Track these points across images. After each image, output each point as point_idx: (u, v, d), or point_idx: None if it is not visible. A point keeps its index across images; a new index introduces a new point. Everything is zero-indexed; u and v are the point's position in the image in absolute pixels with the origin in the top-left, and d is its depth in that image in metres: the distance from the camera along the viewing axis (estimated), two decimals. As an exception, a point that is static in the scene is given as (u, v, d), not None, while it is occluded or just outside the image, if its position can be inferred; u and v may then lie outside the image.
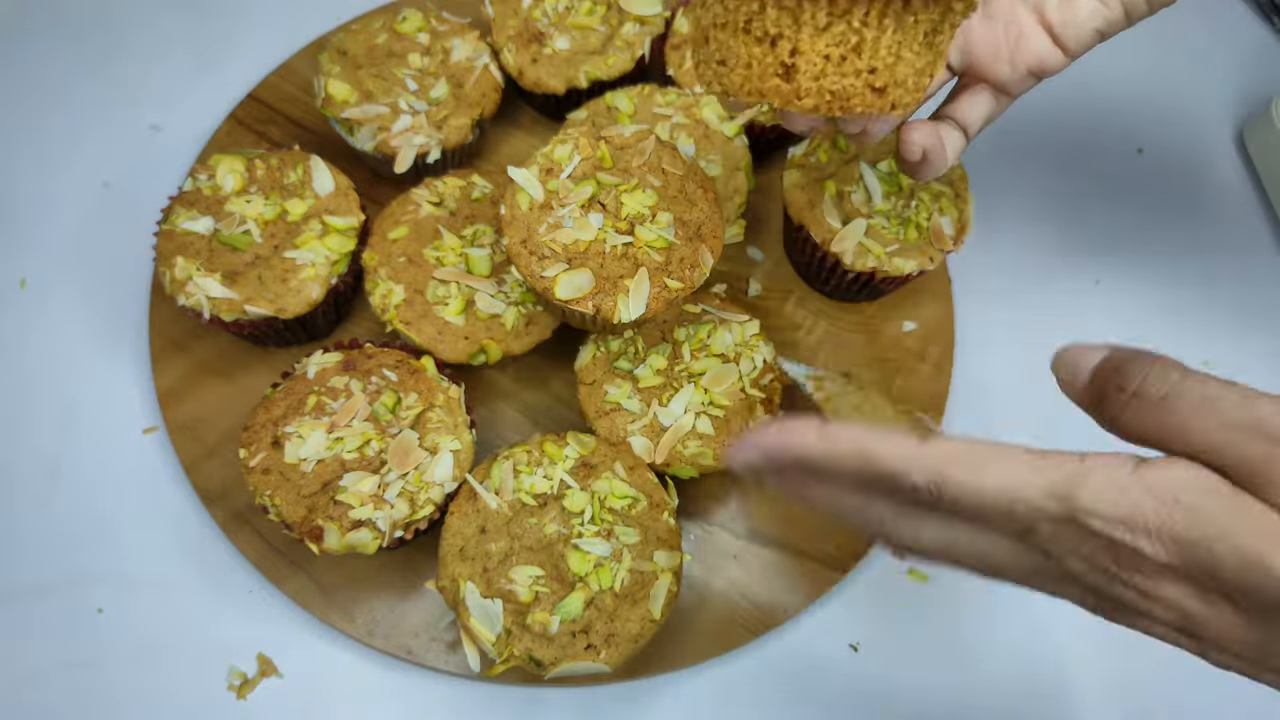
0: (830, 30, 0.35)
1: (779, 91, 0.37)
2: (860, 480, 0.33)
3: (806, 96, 0.37)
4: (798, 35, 0.36)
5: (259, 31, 0.86)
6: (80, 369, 0.71)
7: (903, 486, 0.32)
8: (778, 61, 0.37)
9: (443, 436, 0.60)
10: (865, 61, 0.36)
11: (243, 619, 0.64)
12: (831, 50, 0.36)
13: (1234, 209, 0.82)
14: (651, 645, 0.60)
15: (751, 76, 0.37)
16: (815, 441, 0.33)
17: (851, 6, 0.35)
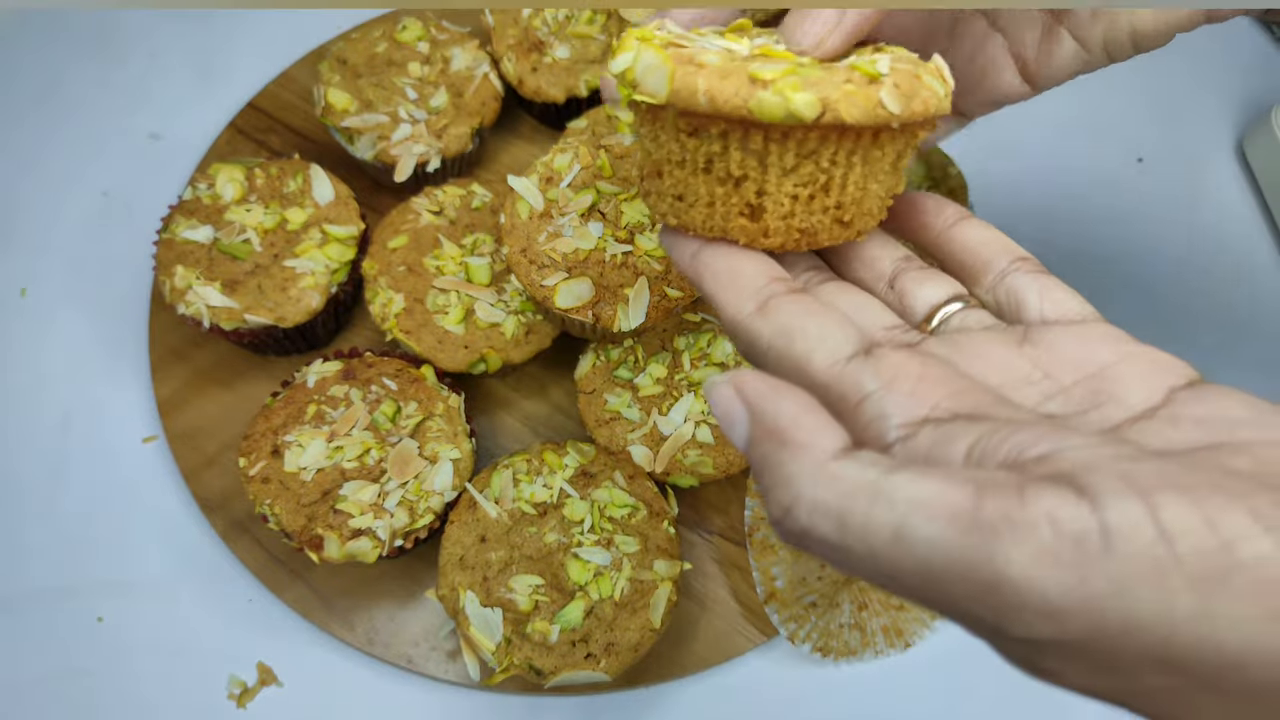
0: (798, 171, 0.34)
1: (745, 230, 0.35)
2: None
3: (774, 235, 0.35)
4: (764, 177, 0.34)
5: (259, 40, 0.86)
6: (80, 378, 0.71)
7: None
8: (743, 202, 0.35)
9: (442, 445, 0.60)
10: (833, 199, 0.35)
11: (243, 628, 0.63)
12: (799, 190, 0.34)
13: (1234, 217, 0.82)
14: (651, 654, 0.60)
15: (714, 215, 0.35)
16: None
17: (820, 147, 0.33)
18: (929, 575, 0.24)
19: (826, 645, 0.61)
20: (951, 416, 0.28)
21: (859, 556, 0.25)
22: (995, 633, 0.24)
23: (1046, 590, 0.22)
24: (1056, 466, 0.24)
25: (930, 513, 0.24)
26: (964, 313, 0.35)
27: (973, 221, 0.38)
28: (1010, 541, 0.22)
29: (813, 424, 0.27)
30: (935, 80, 0.34)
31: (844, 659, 0.62)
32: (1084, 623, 0.22)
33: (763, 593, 0.61)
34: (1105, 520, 0.22)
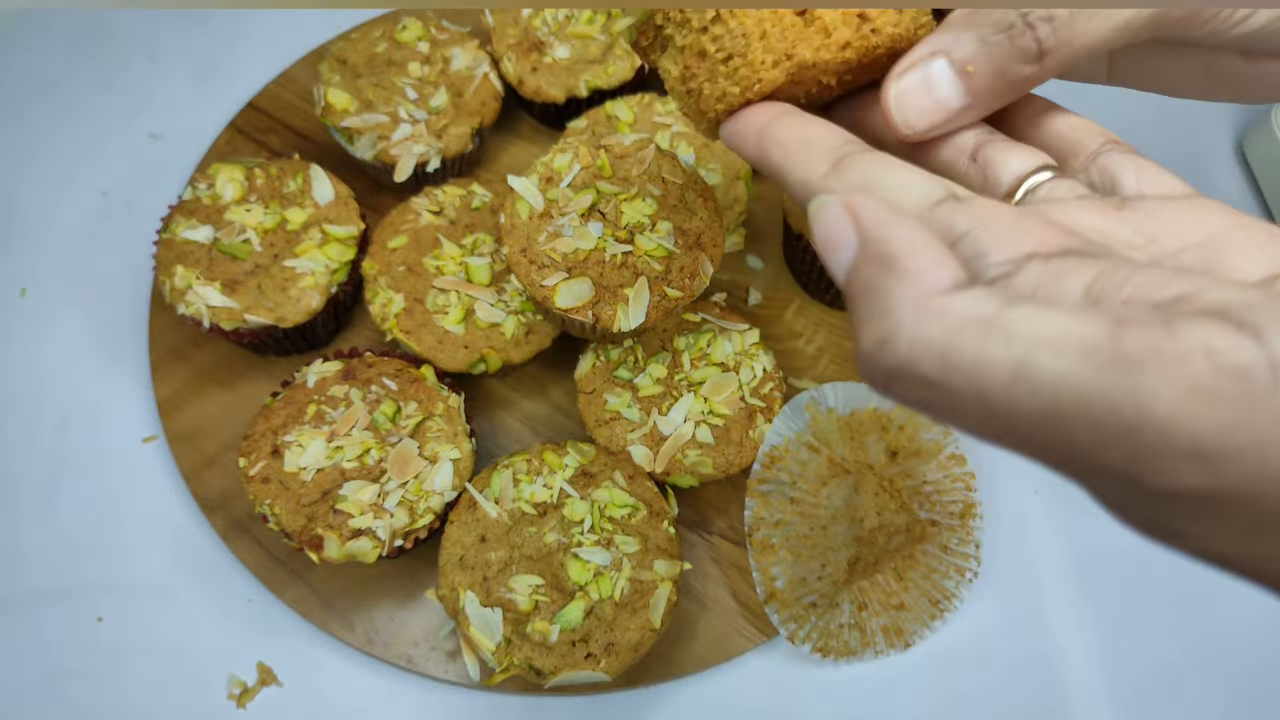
0: None
1: (807, 39, 0.34)
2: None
3: (835, 31, 0.34)
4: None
5: (259, 40, 0.86)
6: (80, 378, 0.71)
7: None
8: (793, 13, 0.33)
9: (442, 445, 0.60)
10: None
11: (243, 628, 0.63)
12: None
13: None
14: (651, 654, 0.60)
15: (771, 43, 0.34)
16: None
17: None
18: (1053, 418, 0.21)
19: (826, 645, 0.61)
20: (1063, 251, 0.25)
21: (963, 398, 0.23)
22: (1126, 485, 0.21)
23: (1201, 430, 0.19)
24: (1204, 304, 0.21)
25: (1059, 346, 0.21)
26: (1053, 182, 0.32)
27: (1062, 111, 0.36)
28: (1159, 376, 0.20)
29: (928, 254, 0.25)
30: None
31: (844, 659, 0.62)
32: (1243, 469, 0.19)
33: (763, 593, 0.61)
34: (1275, 353, 0.19)
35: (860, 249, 0.26)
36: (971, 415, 0.23)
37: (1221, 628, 0.65)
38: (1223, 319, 0.20)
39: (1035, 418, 0.21)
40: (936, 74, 0.33)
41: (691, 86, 0.37)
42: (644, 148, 0.61)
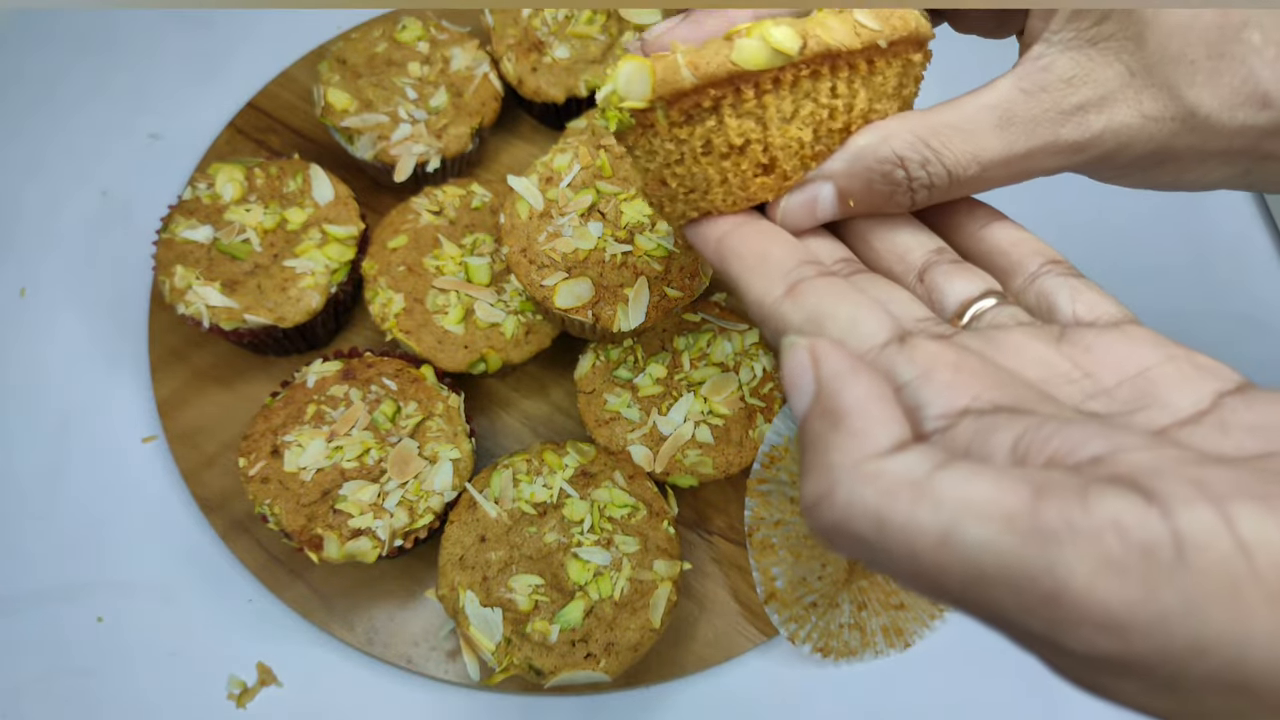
0: (799, 115, 0.34)
1: (765, 187, 0.36)
2: None
3: (794, 175, 0.36)
4: (766, 134, 0.34)
5: (258, 40, 0.86)
6: (79, 378, 0.71)
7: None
8: (754, 164, 0.35)
9: (442, 445, 0.60)
10: (840, 123, 0.35)
11: (242, 628, 0.63)
12: (803, 131, 0.34)
13: (1234, 217, 0.82)
14: (651, 654, 0.60)
15: (731, 189, 0.35)
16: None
17: (814, 85, 0.33)
18: (978, 582, 0.22)
19: (826, 645, 0.61)
20: (993, 408, 0.26)
21: (896, 558, 0.24)
22: (1048, 646, 0.23)
23: (1110, 604, 0.21)
24: (1116, 469, 0.22)
25: (983, 515, 0.22)
26: (997, 309, 0.34)
27: (1004, 222, 0.38)
28: (1073, 550, 0.21)
29: (875, 414, 0.26)
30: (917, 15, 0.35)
31: (844, 659, 0.62)
32: (1149, 640, 0.21)
33: (763, 593, 0.61)
34: (1178, 529, 0.20)
35: (814, 399, 0.27)
36: (905, 573, 0.24)
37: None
38: (1133, 489, 0.21)
39: (963, 581, 0.23)
40: (822, 197, 0.36)
41: (653, 201, 0.38)
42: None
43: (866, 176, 0.36)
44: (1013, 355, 0.30)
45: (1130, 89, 0.35)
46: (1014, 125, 0.35)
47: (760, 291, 0.32)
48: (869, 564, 0.25)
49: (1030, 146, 0.35)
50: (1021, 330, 0.31)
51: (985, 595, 0.22)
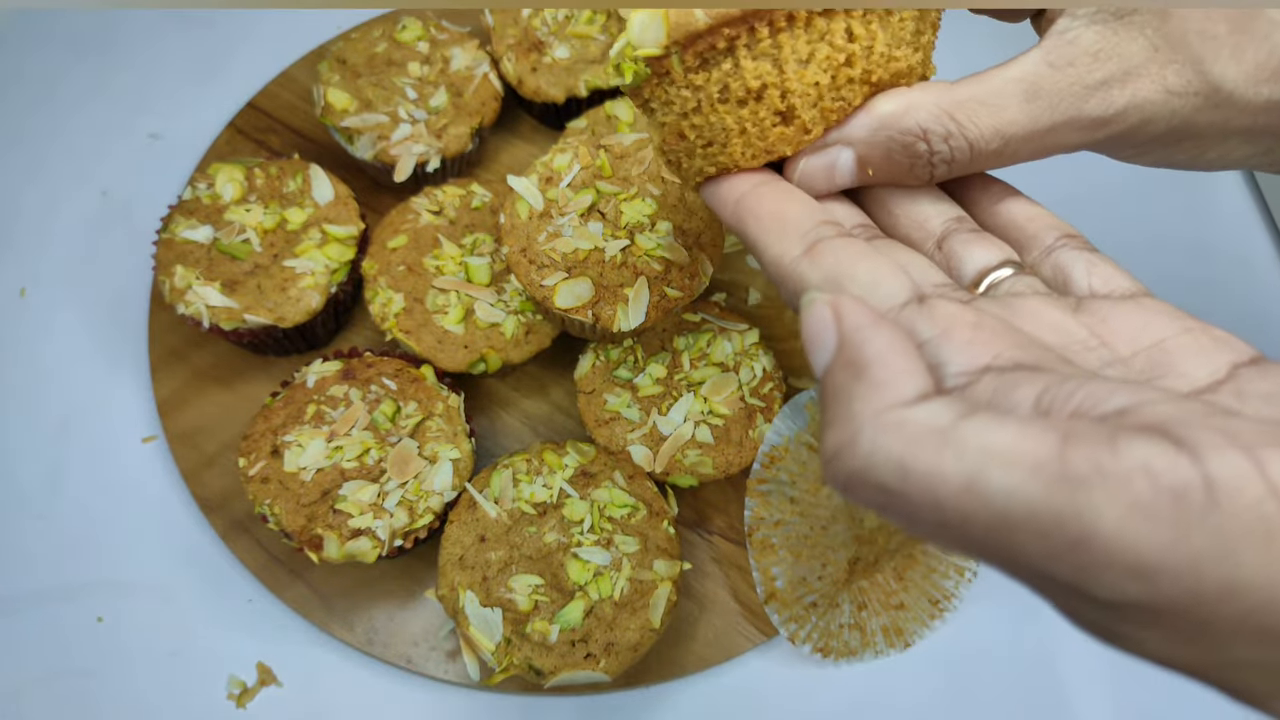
0: (815, 59, 0.34)
1: (785, 138, 0.35)
2: None
3: (814, 126, 0.35)
4: (783, 77, 0.34)
5: (258, 40, 0.86)
6: (79, 378, 0.71)
7: None
8: (772, 112, 0.35)
9: (442, 445, 0.60)
10: (858, 69, 0.34)
11: (242, 628, 0.63)
12: (821, 76, 0.34)
13: (1234, 218, 0.82)
14: (651, 654, 0.60)
15: (750, 140, 0.35)
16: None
17: (830, 25, 0.33)
18: (1003, 529, 0.22)
19: (826, 645, 0.61)
20: (1014, 365, 0.26)
21: (919, 506, 0.24)
22: (1073, 593, 0.23)
23: (1140, 547, 0.20)
24: (1145, 418, 0.22)
25: (1009, 461, 0.22)
26: (1015, 278, 0.34)
27: (1020, 197, 0.39)
28: (1103, 494, 0.21)
29: (898, 365, 0.26)
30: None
31: (844, 659, 0.62)
32: (1179, 584, 0.20)
33: (763, 593, 0.61)
34: (1209, 473, 0.20)
35: (836, 353, 0.27)
36: (927, 522, 0.24)
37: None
38: (1162, 436, 0.21)
39: (987, 528, 0.22)
40: (841, 163, 0.36)
41: (671, 159, 0.38)
42: (644, 148, 0.62)
43: (887, 146, 0.35)
44: (1030, 321, 0.30)
45: (1154, 64, 0.35)
46: (1039, 99, 0.35)
47: (779, 251, 0.32)
48: (888, 513, 0.25)
49: (1054, 121, 0.35)
50: (1039, 299, 0.32)
51: (1009, 541, 0.22)
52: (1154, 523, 0.20)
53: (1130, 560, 0.21)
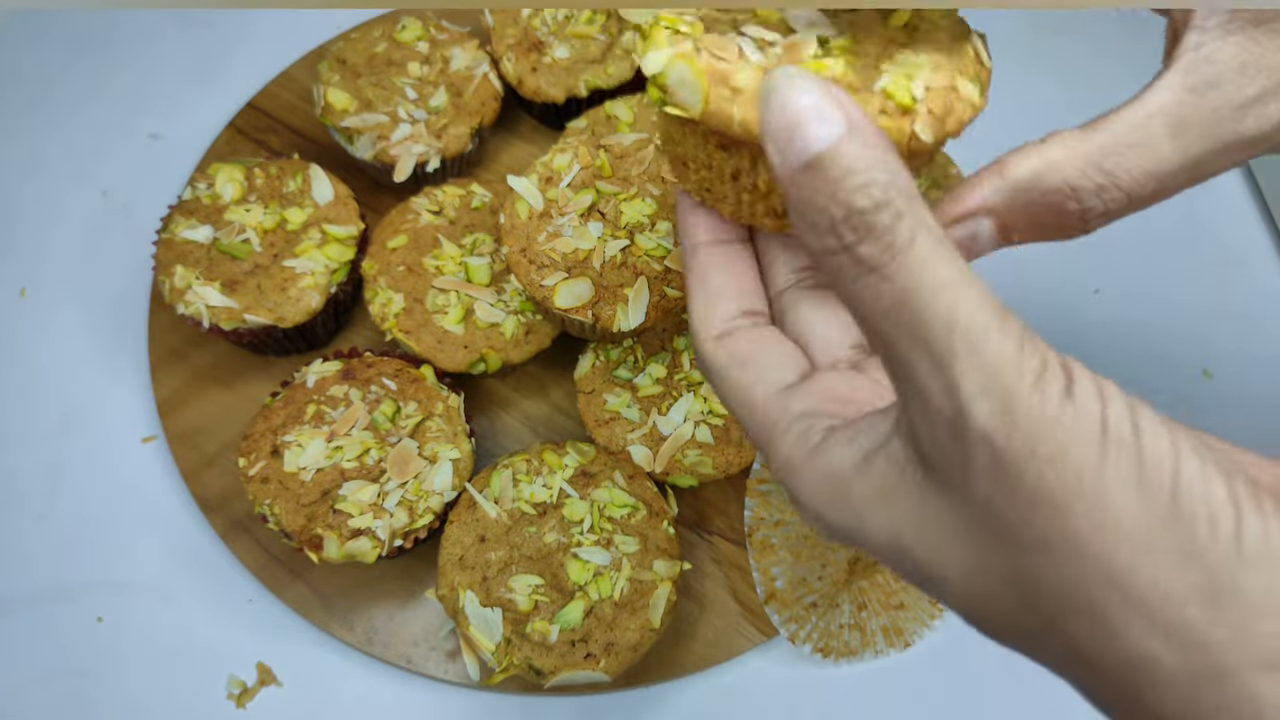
0: None
1: (773, 225, 0.35)
2: None
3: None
4: None
5: (258, 40, 0.86)
6: (79, 378, 0.71)
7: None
8: (769, 207, 0.34)
9: (442, 445, 0.60)
10: None
11: (242, 628, 0.63)
12: None
13: (1234, 217, 0.82)
14: (651, 654, 0.60)
15: (741, 211, 0.35)
16: None
17: None
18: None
19: (826, 645, 0.61)
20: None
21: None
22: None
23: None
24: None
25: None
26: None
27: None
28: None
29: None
30: (970, 83, 0.33)
31: (844, 659, 0.62)
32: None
33: (763, 593, 0.61)
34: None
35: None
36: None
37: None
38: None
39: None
40: (981, 234, 0.34)
41: (668, 160, 0.38)
42: (643, 147, 0.61)
43: (1029, 211, 0.34)
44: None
45: None
46: (1189, 130, 0.32)
47: (699, 324, 0.35)
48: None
49: (1208, 149, 0.33)
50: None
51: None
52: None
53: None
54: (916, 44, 0.34)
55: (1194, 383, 0.74)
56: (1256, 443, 0.76)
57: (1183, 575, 0.22)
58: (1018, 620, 0.25)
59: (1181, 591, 0.22)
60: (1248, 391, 0.73)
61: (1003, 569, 0.25)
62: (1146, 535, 0.22)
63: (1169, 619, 0.22)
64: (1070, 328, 0.76)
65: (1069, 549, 0.23)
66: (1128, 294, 0.78)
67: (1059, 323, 0.76)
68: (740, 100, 0.31)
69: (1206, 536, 0.22)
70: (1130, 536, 0.22)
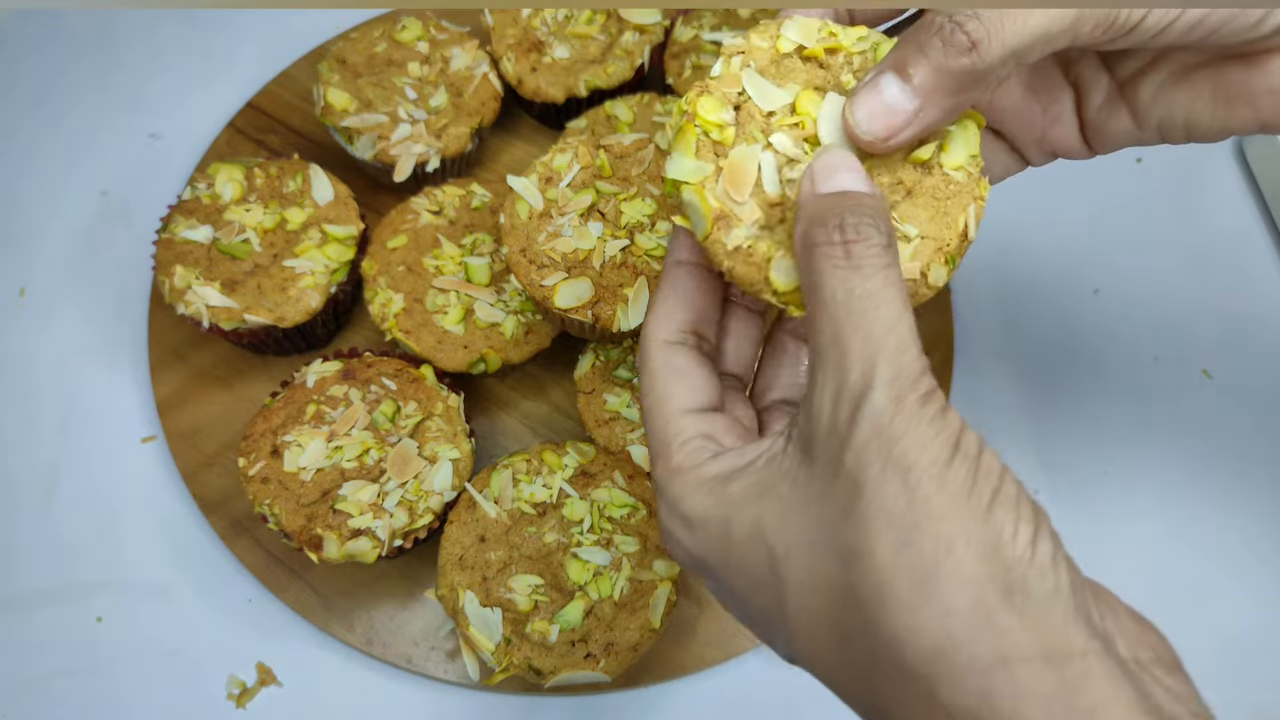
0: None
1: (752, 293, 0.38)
2: None
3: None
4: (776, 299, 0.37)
5: (258, 40, 0.86)
6: (79, 378, 0.71)
7: None
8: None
9: (442, 445, 0.60)
10: None
11: (242, 628, 0.63)
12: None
13: (1234, 219, 0.82)
14: (651, 654, 0.60)
15: (722, 266, 0.38)
16: None
17: None
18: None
19: (826, 645, 0.61)
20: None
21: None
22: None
23: None
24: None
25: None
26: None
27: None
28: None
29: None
30: (942, 267, 0.36)
31: (843, 659, 0.62)
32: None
33: (762, 593, 0.61)
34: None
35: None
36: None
37: (1221, 629, 0.65)
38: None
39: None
40: (883, 84, 0.36)
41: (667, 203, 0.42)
42: (643, 147, 0.61)
43: (918, 45, 0.35)
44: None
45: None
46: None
47: (655, 321, 0.39)
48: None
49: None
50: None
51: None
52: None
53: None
54: (917, 196, 0.37)
55: (1194, 383, 0.74)
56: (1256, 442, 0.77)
57: (990, 563, 0.27)
58: (838, 618, 0.30)
59: (984, 577, 0.27)
60: (1248, 391, 0.73)
61: (840, 547, 0.29)
62: (966, 527, 0.27)
63: (971, 600, 0.26)
64: (1070, 328, 0.76)
65: (907, 520, 0.28)
66: (1128, 294, 0.78)
67: (1059, 323, 0.76)
68: (733, 255, 0.36)
69: (1009, 540, 0.27)
70: (954, 524, 0.27)
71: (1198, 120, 0.41)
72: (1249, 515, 0.69)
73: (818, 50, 0.38)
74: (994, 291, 0.77)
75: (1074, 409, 0.73)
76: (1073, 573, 0.28)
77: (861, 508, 0.28)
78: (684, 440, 0.36)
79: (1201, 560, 0.68)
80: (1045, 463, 0.71)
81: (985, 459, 0.29)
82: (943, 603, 0.27)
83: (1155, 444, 0.71)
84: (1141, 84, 0.42)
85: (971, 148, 0.38)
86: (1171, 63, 0.41)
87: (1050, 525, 0.29)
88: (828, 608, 0.30)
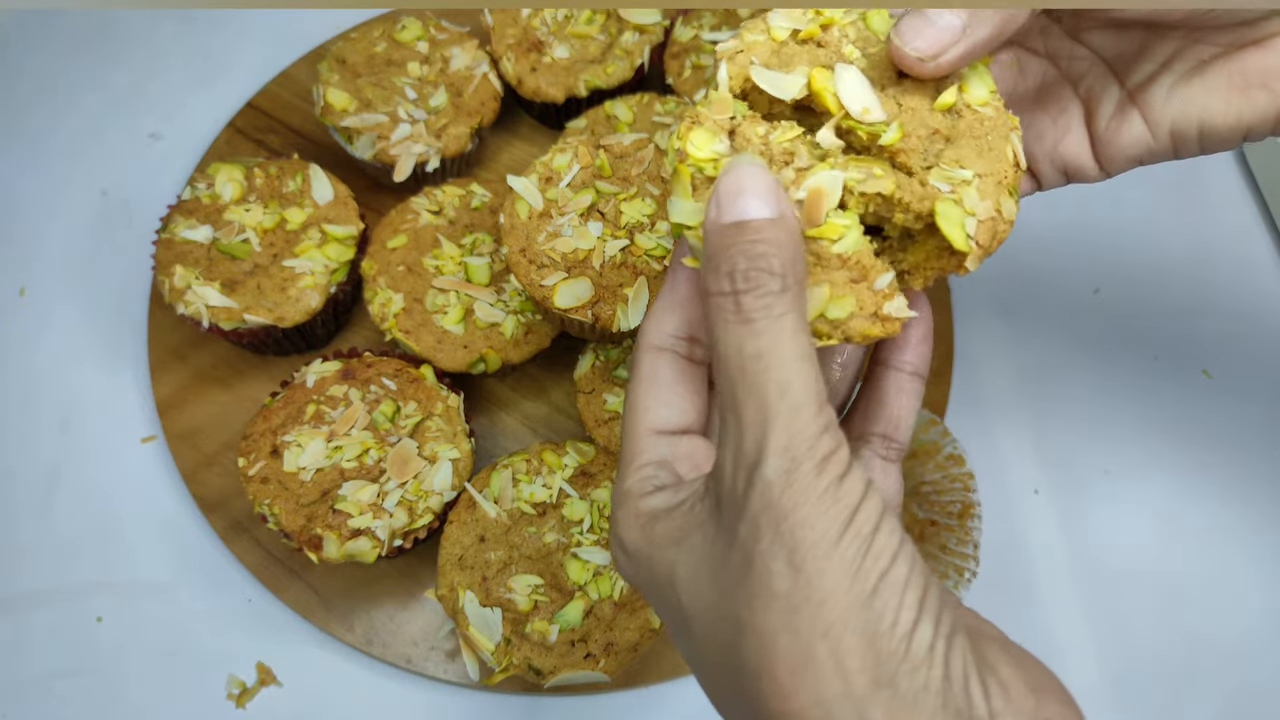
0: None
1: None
2: None
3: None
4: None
5: (258, 40, 0.86)
6: (79, 378, 0.71)
7: None
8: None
9: (442, 445, 0.60)
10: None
11: (242, 628, 0.63)
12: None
13: (1234, 218, 0.82)
14: (651, 654, 0.60)
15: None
16: None
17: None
18: None
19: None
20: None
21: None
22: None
23: None
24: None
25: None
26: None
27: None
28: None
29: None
30: (1009, 198, 0.36)
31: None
32: None
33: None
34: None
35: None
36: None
37: (1220, 629, 0.65)
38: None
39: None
40: (930, 10, 0.35)
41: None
42: (643, 147, 0.61)
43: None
44: None
45: None
46: None
47: (651, 323, 0.38)
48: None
49: None
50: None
51: None
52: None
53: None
54: (958, 140, 0.36)
55: (1194, 383, 0.74)
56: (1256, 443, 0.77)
57: (863, 653, 0.27)
58: (731, 680, 0.30)
59: (855, 668, 0.27)
60: (1248, 391, 0.73)
61: (731, 617, 0.29)
62: (846, 610, 0.27)
63: (840, 691, 0.27)
64: (1070, 328, 0.76)
65: (788, 602, 0.27)
66: (1128, 294, 0.78)
67: (1059, 323, 0.76)
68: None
69: (887, 630, 0.27)
70: (836, 606, 0.27)
71: (1212, 116, 0.40)
72: (1249, 515, 0.69)
73: (813, 30, 0.37)
74: (994, 291, 0.77)
75: (1074, 409, 0.73)
76: (950, 664, 0.27)
77: (750, 583, 0.28)
78: (640, 464, 0.35)
79: (1201, 560, 0.68)
80: (1045, 462, 0.71)
81: (879, 538, 0.28)
82: (814, 691, 0.27)
83: (1155, 444, 0.71)
84: (1153, 88, 0.42)
85: (989, 84, 0.37)
86: (1184, 61, 0.41)
87: (940, 608, 0.28)
88: (723, 668, 0.31)
